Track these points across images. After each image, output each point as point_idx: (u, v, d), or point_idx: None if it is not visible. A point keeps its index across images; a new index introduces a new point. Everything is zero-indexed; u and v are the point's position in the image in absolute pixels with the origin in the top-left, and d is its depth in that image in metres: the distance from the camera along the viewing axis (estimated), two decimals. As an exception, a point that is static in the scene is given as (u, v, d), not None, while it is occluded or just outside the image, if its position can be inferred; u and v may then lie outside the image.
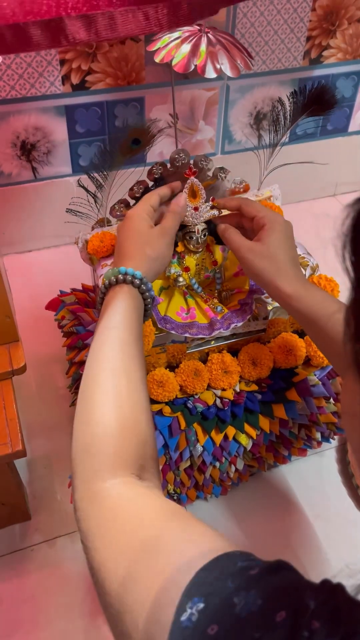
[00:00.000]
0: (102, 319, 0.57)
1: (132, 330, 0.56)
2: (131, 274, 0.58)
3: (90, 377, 0.52)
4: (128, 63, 1.06)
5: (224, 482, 0.79)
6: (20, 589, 0.73)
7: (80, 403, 0.51)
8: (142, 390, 0.53)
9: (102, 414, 0.49)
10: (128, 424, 0.49)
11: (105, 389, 0.51)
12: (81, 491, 0.46)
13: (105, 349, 0.54)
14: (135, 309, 0.58)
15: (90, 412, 0.50)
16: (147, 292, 0.59)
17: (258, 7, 1.07)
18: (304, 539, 0.80)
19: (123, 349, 0.54)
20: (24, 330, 1.03)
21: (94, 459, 0.47)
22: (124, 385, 0.51)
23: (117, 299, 0.57)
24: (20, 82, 1.01)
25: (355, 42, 1.20)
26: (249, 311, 0.71)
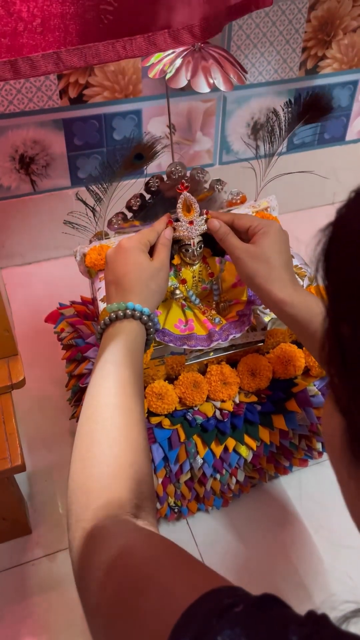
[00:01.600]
0: (104, 352, 0.56)
1: (134, 367, 0.55)
2: (139, 310, 0.58)
3: (89, 412, 0.52)
4: (125, 76, 1.06)
5: (225, 493, 0.79)
6: (21, 605, 0.73)
7: (78, 439, 0.51)
8: (141, 430, 0.52)
9: (100, 453, 0.49)
10: (125, 464, 0.49)
11: (103, 427, 0.51)
12: (74, 530, 0.46)
13: (106, 384, 0.53)
14: (139, 344, 0.58)
15: (88, 450, 0.50)
16: (153, 327, 0.60)
17: (254, 19, 1.08)
18: (305, 550, 0.79)
19: (124, 386, 0.53)
20: (23, 343, 1.03)
21: (89, 497, 0.47)
22: (123, 424, 0.51)
23: (121, 333, 0.57)
24: (18, 96, 1.02)
25: (351, 52, 1.21)
26: (247, 322, 0.71)
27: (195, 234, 0.68)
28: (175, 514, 0.78)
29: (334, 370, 0.30)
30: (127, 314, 0.58)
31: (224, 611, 0.33)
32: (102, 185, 0.71)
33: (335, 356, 0.30)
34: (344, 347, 0.29)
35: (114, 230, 0.77)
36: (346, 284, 0.29)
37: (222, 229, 0.67)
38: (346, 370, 0.30)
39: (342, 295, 0.29)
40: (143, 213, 0.76)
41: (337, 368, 0.30)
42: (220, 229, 0.67)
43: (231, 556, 0.78)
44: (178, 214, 0.68)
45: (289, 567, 0.77)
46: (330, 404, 0.33)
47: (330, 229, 0.30)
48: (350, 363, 0.29)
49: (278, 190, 0.82)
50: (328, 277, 0.30)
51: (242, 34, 1.09)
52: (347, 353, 0.29)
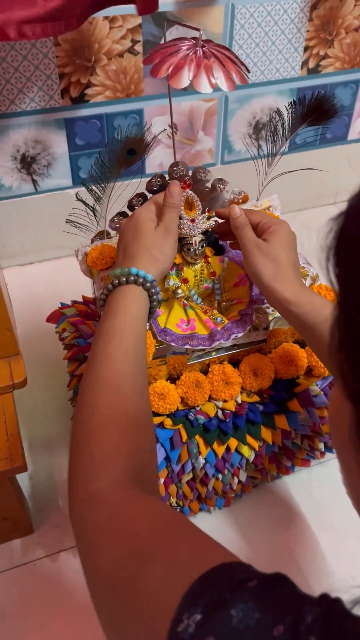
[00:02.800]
0: (108, 317, 0.56)
1: (138, 333, 0.56)
2: (142, 276, 0.58)
3: (92, 378, 0.52)
4: (127, 76, 1.06)
5: (227, 494, 0.79)
6: (22, 605, 0.73)
7: (80, 402, 0.51)
8: (145, 397, 0.52)
9: (103, 419, 0.48)
10: (129, 429, 0.48)
11: (108, 391, 0.50)
12: (77, 492, 0.45)
13: (110, 349, 0.53)
14: (143, 311, 0.58)
15: (91, 413, 0.49)
16: (155, 295, 0.60)
17: (255, 19, 1.08)
18: (308, 551, 0.79)
19: (128, 352, 0.53)
20: (25, 343, 1.03)
21: (92, 459, 0.46)
22: (126, 391, 0.51)
23: (126, 299, 0.57)
24: (20, 96, 1.02)
25: (353, 50, 1.20)
26: (250, 322, 0.71)
27: (197, 232, 0.68)
28: (177, 514, 0.78)
29: (345, 356, 0.30)
30: (129, 279, 0.58)
31: (238, 585, 0.32)
32: (100, 185, 0.71)
33: (346, 343, 0.30)
34: (356, 333, 0.29)
35: (115, 230, 0.77)
36: (356, 269, 0.29)
37: (242, 218, 0.67)
38: (357, 357, 0.30)
39: (354, 281, 0.29)
40: (145, 212, 0.76)
41: (347, 354, 0.30)
42: (240, 218, 0.67)
43: (233, 556, 0.78)
44: (180, 212, 0.67)
45: (291, 567, 0.77)
46: (339, 392, 0.33)
47: (342, 218, 0.30)
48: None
49: (280, 190, 0.82)
50: (340, 264, 0.31)
51: (244, 33, 1.09)
52: (358, 337, 0.29)
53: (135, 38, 1.03)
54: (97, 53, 1.02)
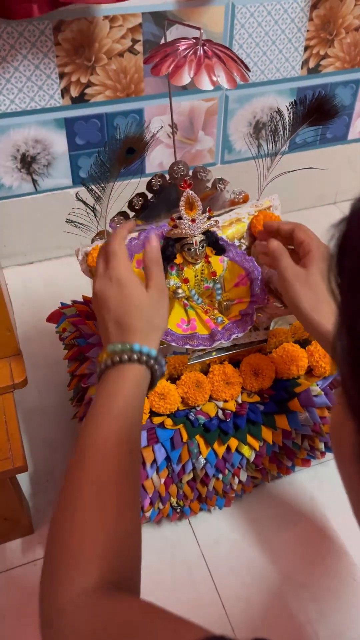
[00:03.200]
0: (103, 398, 0.52)
1: (134, 418, 0.51)
2: (146, 353, 0.54)
3: (81, 466, 0.48)
4: (127, 75, 1.06)
5: (227, 493, 0.79)
6: (23, 604, 0.73)
7: (62, 493, 0.47)
8: (133, 494, 0.48)
9: (86, 516, 0.44)
10: (112, 533, 0.44)
11: (93, 487, 0.46)
12: (46, 607, 0.42)
13: (100, 441, 0.49)
14: (142, 391, 0.54)
15: (74, 510, 0.45)
16: (159, 370, 0.55)
17: (255, 18, 1.08)
18: (308, 550, 0.79)
19: (120, 443, 0.49)
20: (25, 342, 1.03)
21: (67, 564, 0.42)
22: (114, 488, 0.46)
23: (125, 381, 0.52)
24: (20, 95, 1.01)
25: (353, 50, 1.20)
26: (250, 322, 0.71)
27: (198, 231, 0.68)
28: (177, 514, 0.78)
29: (347, 370, 0.29)
30: (132, 357, 0.53)
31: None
32: (100, 184, 0.71)
33: (349, 355, 0.29)
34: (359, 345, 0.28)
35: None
36: None
37: (279, 250, 0.64)
38: None
39: (356, 289, 0.28)
40: (145, 212, 0.76)
41: (350, 367, 0.29)
42: (278, 250, 0.64)
43: (233, 556, 0.78)
44: (180, 212, 0.67)
45: (292, 568, 0.77)
46: (341, 406, 0.32)
47: (344, 224, 0.29)
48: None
49: (280, 190, 0.82)
50: (342, 272, 0.29)
51: (244, 32, 1.09)
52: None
53: (136, 37, 1.03)
54: (97, 52, 1.02)
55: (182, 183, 0.66)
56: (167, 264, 0.71)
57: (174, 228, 0.68)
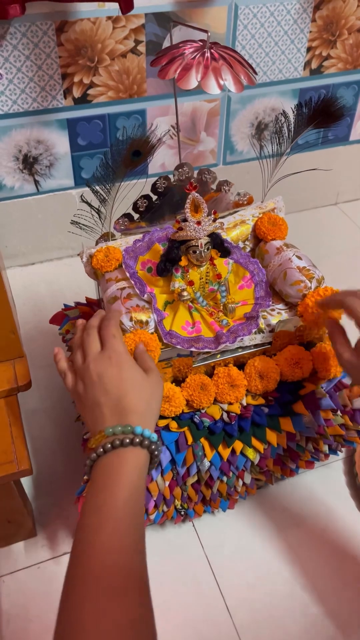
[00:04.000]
0: (102, 489, 0.48)
1: (138, 509, 0.48)
2: (147, 437, 0.52)
3: (78, 572, 0.44)
4: (129, 76, 1.06)
5: (232, 496, 0.78)
6: (26, 608, 0.73)
7: (63, 600, 0.43)
8: (144, 589, 0.44)
9: (88, 623, 0.41)
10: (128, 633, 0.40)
11: (96, 590, 0.42)
12: None
13: (102, 536, 0.45)
14: (144, 477, 0.51)
15: (75, 623, 0.41)
16: (158, 456, 0.54)
17: (259, 19, 1.07)
18: (312, 552, 0.79)
19: (122, 538, 0.45)
20: (27, 343, 1.03)
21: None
22: (120, 589, 0.42)
23: (127, 466, 0.50)
24: (22, 96, 1.01)
25: (356, 51, 1.20)
26: (255, 324, 0.71)
27: (203, 234, 0.68)
28: (181, 516, 0.78)
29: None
30: (134, 440, 0.51)
31: None
32: (105, 186, 0.71)
33: None
34: None
35: (120, 231, 0.77)
36: None
37: (333, 333, 0.63)
38: None
39: None
40: (149, 214, 0.76)
41: None
42: (331, 333, 0.63)
43: (237, 558, 0.78)
44: (186, 214, 0.67)
45: (295, 569, 0.77)
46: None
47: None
48: None
49: (282, 191, 0.82)
50: None
51: (247, 33, 1.08)
52: None
53: (139, 38, 1.02)
54: (100, 53, 1.02)
55: (188, 185, 0.66)
56: (171, 266, 0.70)
57: (179, 230, 0.68)
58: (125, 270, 0.73)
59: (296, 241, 0.81)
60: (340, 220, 1.40)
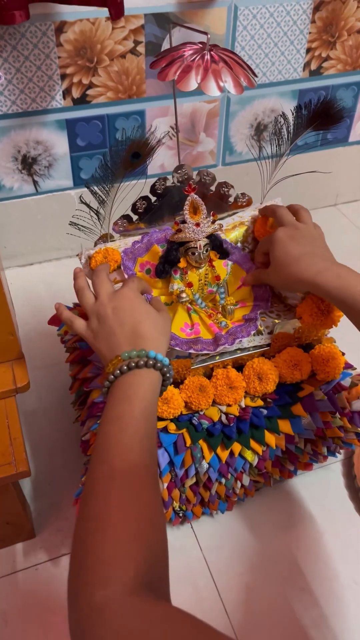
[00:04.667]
0: (120, 402, 0.53)
1: (152, 421, 0.53)
2: (160, 360, 0.56)
3: (104, 469, 0.48)
4: (129, 77, 1.06)
5: (230, 498, 0.78)
6: (25, 609, 0.72)
7: (88, 495, 0.47)
8: (157, 491, 0.48)
9: (114, 514, 0.44)
10: (142, 530, 0.44)
11: (120, 486, 0.46)
12: (80, 601, 0.40)
13: (125, 439, 0.50)
14: (157, 396, 0.56)
15: (101, 510, 0.45)
16: (169, 378, 0.58)
17: (258, 20, 1.07)
18: (311, 554, 0.79)
19: (143, 441, 0.50)
20: (26, 344, 1.02)
21: (101, 563, 0.41)
22: (141, 484, 0.47)
23: (142, 384, 0.55)
24: (21, 96, 1.01)
25: (355, 53, 1.20)
26: (254, 326, 0.71)
27: (202, 235, 0.68)
28: (179, 518, 0.78)
29: None
30: (148, 363, 0.55)
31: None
32: (104, 188, 0.71)
33: None
34: None
35: (119, 233, 0.76)
36: None
37: (253, 279, 0.74)
38: None
39: None
40: (148, 215, 0.76)
41: None
42: (253, 280, 0.74)
43: (236, 560, 0.78)
44: (185, 216, 0.67)
45: (294, 571, 0.77)
46: None
47: None
48: None
49: (281, 192, 0.82)
50: None
51: (247, 34, 1.08)
52: None
53: (138, 39, 1.02)
54: (99, 54, 1.01)
55: (187, 187, 0.66)
56: (170, 267, 0.70)
57: (178, 232, 0.68)
58: (124, 271, 0.73)
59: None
60: (340, 222, 1.40)
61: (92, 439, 0.71)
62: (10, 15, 0.84)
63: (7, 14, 0.84)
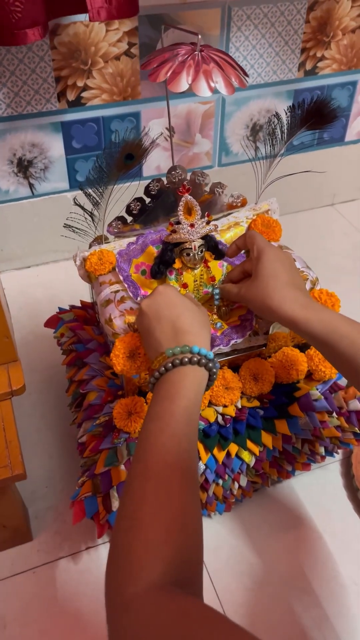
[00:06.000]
0: (163, 400, 0.52)
1: (193, 420, 0.52)
2: (204, 355, 0.55)
3: (141, 467, 0.48)
4: (123, 78, 1.06)
5: (228, 499, 0.78)
6: (23, 612, 0.72)
7: (126, 492, 0.47)
8: (195, 493, 0.48)
9: (147, 514, 0.45)
10: (174, 531, 0.44)
11: (155, 486, 0.47)
12: (113, 596, 0.42)
13: (163, 438, 0.49)
14: (201, 394, 0.55)
15: (135, 509, 0.45)
16: (215, 373, 0.57)
17: (252, 21, 1.07)
18: (310, 555, 0.78)
19: (181, 442, 0.49)
20: (23, 347, 1.02)
21: (131, 561, 0.42)
22: (177, 485, 0.47)
23: (185, 382, 0.54)
24: (16, 99, 1.01)
25: (350, 52, 1.20)
26: (249, 327, 0.70)
27: (197, 236, 0.68)
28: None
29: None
30: (192, 359, 0.54)
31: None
32: (98, 190, 0.71)
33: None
34: None
35: (114, 234, 0.76)
36: None
37: (224, 292, 0.69)
38: None
39: None
40: (143, 217, 0.75)
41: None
42: (223, 294, 0.69)
43: (234, 562, 0.77)
44: (179, 217, 0.67)
45: (293, 572, 0.77)
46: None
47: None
48: None
49: (277, 192, 0.82)
50: None
51: (241, 35, 1.08)
52: None
53: (132, 41, 1.02)
54: (93, 56, 1.01)
55: (181, 188, 0.66)
56: (165, 268, 0.70)
57: (173, 233, 0.68)
58: (119, 273, 0.72)
59: (292, 242, 0.80)
60: (337, 222, 1.40)
61: (88, 441, 0.71)
62: (21, 34, 0.76)
63: (19, 34, 0.77)
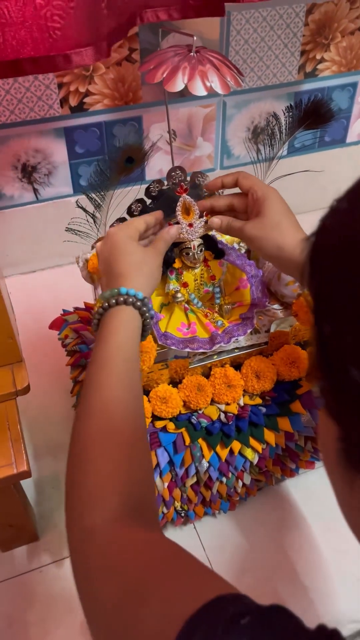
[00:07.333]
0: (99, 343, 0.55)
1: (129, 357, 0.54)
2: (132, 295, 0.56)
3: (83, 406, 0.50)
4: (125, 83, 1.07)
5: (232, 497, 0.78)
6: (29, 612, 0.73)
7: (73, 433, 0.49)
8: (140, 422, 0.51)
9: (94, 448, 0.47)
10: (122, 460, 0.47)
11: (98, 421, 0.49)
12: (72, 527, 0.44)
13: (100, 377, 0.52)
14: (134, 332, 0.56)
15: (82, 446, 0.48)
16: (147, 312, 0.58)
17: (251, 24, 1.08)
18: (313, 554, 0.78)
19: (121, 377, 0.52)
20: (28, 350, 1.03)
21: (86, 494, 0.45)
22: (120, 417, 0.49)
23: (115, 322, 0.55)
24: (19, 106, 1.03)
25: (350, 54, 1.21)
26: (251, 325, 0.71)
27: (195, 236, 0.69)
28: (182, 518, 0.78)
29: (322, 374, 0.31)
30: (119, 300, 0.56)
31: (230, 622, 0.31)
32: (100, 193, 0.72)
33: (321, 359, 0.30)
34: (327, 347, 0.30)
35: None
36: (325, 285, 0.30)
37: (224, 223, 0.67)
38: (331, 371, 0.30)
39: (322, 296, 0.31)
40: (144, 218, 0.76)
41: (323, 371, 0.30)
42: (222, 224, 0.67)
43: (239, 560, 0.78)
44: (177, 217, 0.68)
45: (296, 570, 0.77)
46: (323, 411, 0.33)
47: (313, 239, 0.32)
48: (334, 362, 0.29)
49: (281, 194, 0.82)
50: (311, 282, 0.32)
51: (240, 39, 1.09)
52: (330, 352, 0.30)
53: (133, 46, 1.04)
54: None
55: (178, 188, 0.67)
56: (166, 268, 0.71)
57: (173, 233, 0.69)
58: (121, 273, 0.73)
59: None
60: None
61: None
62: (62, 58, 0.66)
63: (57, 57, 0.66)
